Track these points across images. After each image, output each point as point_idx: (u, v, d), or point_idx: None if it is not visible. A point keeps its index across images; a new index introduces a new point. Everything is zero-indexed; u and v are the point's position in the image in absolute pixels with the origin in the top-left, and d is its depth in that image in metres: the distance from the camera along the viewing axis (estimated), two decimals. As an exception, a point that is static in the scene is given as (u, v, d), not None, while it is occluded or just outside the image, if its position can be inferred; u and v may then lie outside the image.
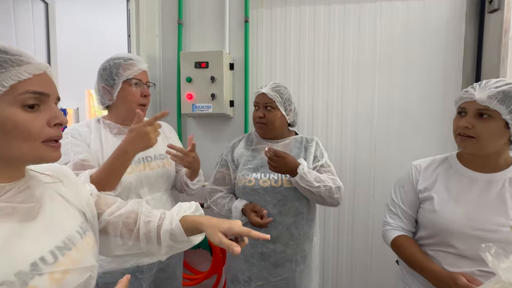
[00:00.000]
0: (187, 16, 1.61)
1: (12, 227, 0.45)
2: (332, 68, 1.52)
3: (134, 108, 1.02)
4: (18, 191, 0.48)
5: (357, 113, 1.52)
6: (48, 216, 0.51)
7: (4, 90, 0.44)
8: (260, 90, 1.16)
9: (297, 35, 1.54)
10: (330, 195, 1.07)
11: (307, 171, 1.04)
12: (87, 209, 0.61)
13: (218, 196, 1.19)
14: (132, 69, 1.01)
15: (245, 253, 1.14)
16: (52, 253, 0.48)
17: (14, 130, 0.45)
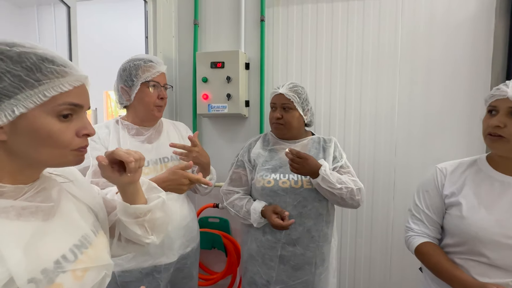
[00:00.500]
0: (203, 16, 1.61)
1: (36, 225, 0.46)
2: (350, 67, 1.48)
3: (151, 109, 1.04)
4: (36, 192, 0.49)
5: (377, 113, 1.47)
6: (65, 215, 0.52)
7: (45, 100, 0.45)
8: (277, 90, 1.14)
9: (314, 33, 1.51)
10: (351, 197, 1.05)
11: (329, 173, 1.02)
12: (99, 209, 0.62)
13: (235, 197, 1.18)
14: (151, 71, 1.02)
15: (264, 256, 1.13)
16: (72, 251, 0.50)
17: (48, 138, 0.46)
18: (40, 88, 0.43)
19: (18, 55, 0.43)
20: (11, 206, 0.45)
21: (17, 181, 0.48)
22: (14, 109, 0.42)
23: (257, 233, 1.15)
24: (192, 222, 1.17)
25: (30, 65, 0.43)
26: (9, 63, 0.42)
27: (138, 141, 1.04)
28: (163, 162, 1.06)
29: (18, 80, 0.42)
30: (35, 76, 0.43)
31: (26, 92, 0.43)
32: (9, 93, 0.42)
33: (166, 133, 1.13)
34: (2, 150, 0.45)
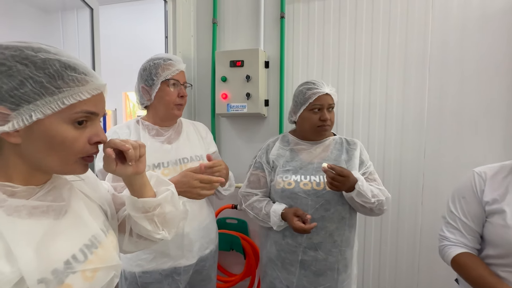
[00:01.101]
0: (222, 15, 1.59)
1: (47, 225, 0.46)
2: (375, 64, 1.41)
3: (171, 108, 1.03)
4: (47, 191, 0.50)
5: (404, 113, 1.39)
6: (76, 214, 0.52)
7: (63, 107, 0.45)
8: (321, 89, 1.08)
9: (336, 30, 1.45)
10: (380, 208, 1.02)
11: (366, 188, 0.98)
12: (108, 207, 0.62)
13: (254, 199, 1.15)
14: (170, 69, 1.02)
15: (284, 261, 1.09)
16: (82, 251, 0.49)
17: (60, 145, 0.46)
18: (59, 96, 0.44)
19: (43, 62, 0.43)
20: (22, 205, 0.45)
21: (29, 182, 0.48)
22: (32, 114, 0.43)
23: (276, 237, 1.12)
24: (211, 224, 1.15)
25: (53, 72, 0.43)
26: (32, 68, 0.42)
27: (158, 142, 1.04)
28: (182, 163, 1.04)
29: (39, 86, 0.42)
30: (57, 84, 0.43)
31: (46, 98, 0.43)
32: (29, 99, 0.42)
33: (185, 133, 1.12)
34: (14, 152, 0.45)
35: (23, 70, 0.42)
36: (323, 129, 1.09)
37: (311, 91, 1.08)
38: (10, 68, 0.41)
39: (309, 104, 1.08)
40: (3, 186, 0.45)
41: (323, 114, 1.08)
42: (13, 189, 0.45)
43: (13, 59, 0.42)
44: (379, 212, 1.04)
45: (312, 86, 1.09)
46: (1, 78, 0.41)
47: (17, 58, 0.42)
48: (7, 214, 0.43)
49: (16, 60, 0.42)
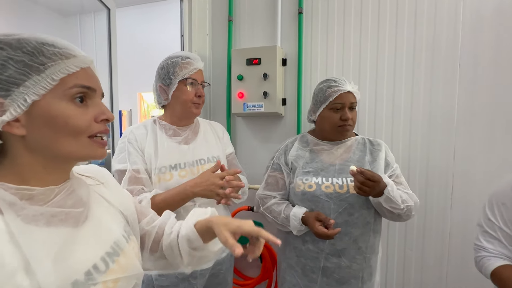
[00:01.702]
0: (237, 12, 1.56)
1: (66, 233, 0.44)
2: (400, 60, 1.33)
3: (189, 107, 1.01)
4: (67, 194, 0.47)
5: (431, 112, 1.30)
6: (96, 220, 0.50)
7: (54, 84, 0.42)
8: (343, 87, 1.02)
9: (358, 24, 1.38)
10: (408, 214, 0.96)
11: (396, 193, 0.92)
12: (128, 212, 0.59)
13: (272, 202, 1.10)
14: (188, 68, 0.99)
15: (304, 267, 1.04)
16: (103, 260, 0.47)
17: (65, 125, 0.44)
18: (47, 72, 0.42)
19: (17, 41, 0.41)
20: (40, 214, 0.42)
21: (47, 182, 0.45)
22: (26, 97, 0.40)
23: (296, 242, 1.07)
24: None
25: (31, 49, 0.41)
26: (9, 50, 0.40)
27: (175, 142, 1.01)
28: (199, 164, 1.02)
29: (22, 66, 0.40)
30: (39, 60, 0.41)
31: (34, 77, 0.41)
32: (17, 81, 0.40)
33: (202, 133, 1.09)
34: (23, 147, 0.43)
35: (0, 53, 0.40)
36: (344, 129, 1.04)
37: (331, 89, 1.03)
38: None
39: (329, 102, 1.03)
40: (19, 190, 0.42)
41: (344, 113, 1.02)
42: (31, 192, 0.43)
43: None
44: (406, 218, 0.98)
45: (333, 84, 1.04)
46: None
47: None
48: (25, 222, 0.40)
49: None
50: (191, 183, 0.91)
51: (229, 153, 1.16)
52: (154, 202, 0.88)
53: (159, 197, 0.91)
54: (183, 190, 0.90)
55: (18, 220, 0.40)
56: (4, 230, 0.38)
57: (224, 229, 0.54)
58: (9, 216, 0.39)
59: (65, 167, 0.49)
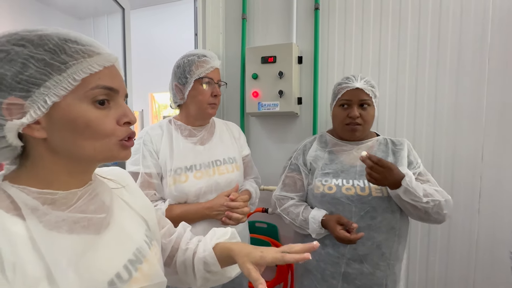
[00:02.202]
0: (251, 9, 1.53)
1: (88, 240, 0.42)
2: (423, 56, 1.27)
3: (205, 108, 0.98)
4: (89, 198, 0.45)
5: (457, 109, 1.23)
6: (118, 226, 0.48)
7: (76, 84, 0.40)
8: (351, 84, 0.98)
9: (377, 20, 1.32)
10: (438, 211, 0.88)
11: (415, 184, 0.86)
12: (149, 217, 0.57)
13: (290, 204, 1.06)
14: (204, 66, 0.96)
15: (324, 272, 1.00)
16: (126, 268, 0.45)
17: (86, 128, 0.41)
18: (68, 72, 0.39)
19: (39, 38, 0.39)
20: (63, 220, 0.40)
21: (69, 185, 0.43)
22: (46, 99, 0.38)
23: (314, 245, 1.03)
24: (245, 230, 1.09)
25: (52, 47, 0.39)
26: (31, 47, 0.38)
27: (190, 143, 0.99)
28: (215, 165, 0.99)
29: (43, 65, 0.38)
30: (60, 58, 0.39)
31: (55, 77, 0.38)
32: (37, 81, 0.38)
33: (218, 134, 1.06)
34: (45, 150, 0.41)
35: (21, 51, 0.37)
36: (352, 128, 0.99)
37: (340, 85, 1.01)
38: (8, 52, 0.37)
39: (337, 99, 1.01)
40: (42, 194, 0.40)
41: (351, 111, 0.98)
42: (53, 197, 0.41)
43: (9, 43, 0.38)
44: (437, 216, 0.90)
45: (343, 81, 1.02)
46: (2, 66, 0.37)
47: (12, 41, 0.38)
48: (48, 229, 0.39)
49: (12, 44, 0.38)
50: (207, 204, 0.93)
51: (245, 155, 1.13)
52: (170, 215, 0.87)
53: (176, 211, 0.90)
54: (200, 210, 0.92)
55: (40, 226, 0.38)
56: (26, 236, 0.36)
57: (247, 261, 0.51)
58: (32, 222, 0.37)
59: (88, 170, 0.47)
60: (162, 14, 3.92)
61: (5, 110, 0.37)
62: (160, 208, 0.86)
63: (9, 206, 0.38)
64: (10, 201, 0.38)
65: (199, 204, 0.93)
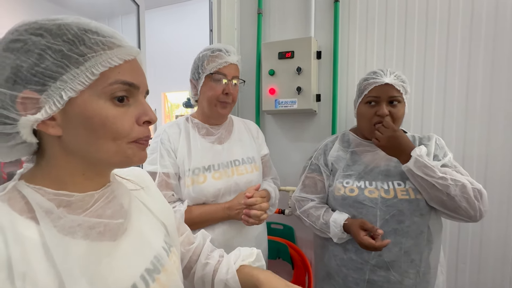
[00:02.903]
0: (267, 3, 1.48)
1: (103, 248, 0.39)
2: (453, 49, 1.18)
3: (214, 105, 0.93)
4: (106, 202, 0.42)
5: (492, 104, 1.14)
6: (136, 232, 0.45)
7: (94, 78, 0.37)
8: (380, 79, 0.91)
9: (402, 13, 1.24)
10: (464, 196, 0.80)
11: (428, 160, 0.82)
12: (169, 222, 0.53)
13: (310, 206, 1.01)
14: (216, 61, 0.90)
15: (346, 278, 0.94)
16: (143, 278, 0.42)
17: (102, 127, 0.38)
18: (86, 65, 0.36)
19: (58, 27, 0.36)
20: (78, 225, 0.37)
21: (85, 187, 0.40)
22: (62, 93, 0.35)
23: (336, 250, 0.97)
24: (263, 233, 1.05)
25: (71, 37, 0.35)
26: (48, 37, 0.35)
27: (208, 142, 0.95)
28: (234, 165, 0.95)
29: (60, 56, 0.35)
30: (79, 50, 0.36)
31: (72, 71, 0.35)
32: (53, 74, 0.35)
33: (237, 133, 1.02)
34: (59, 148, 0.38)
35: (38, 41, 0.34)
36: (377, 128, 0.92)
37: (367, 81, 0.93)
38: (25, 42, 0.34)
39: (364, 96, 0.94)
40: (58, 195, 0.38)
41: (380, 108, 0.90)
42: (69, 199, 0.38)
43: (27, 32, 0.35)
44: (467, 206, 0.80)
45: (370, 76, 0.94)
46: (19, 57, 0.34)
47: (31, 30, 0.35)
48: (62, 234, 0.36)
49: (30, 33, 0.35)
50: (226, 204, 0.90)
51: (264, 154, 1.09)
52: (189, 216, 0.84)
53: (196, 212, 0.87)
54: (220, 210, 0.89)
55: (54, 231, 0.35)
56: (39, 242, 0.34)
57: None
58: (45, 226, 0.35)
59: (103, 173, 0.44)
60: (175, 13, 3.94)
61: (19, 104, 0.34)
62: (179, 209, 0.83)
63: (23, 208, 0.35)
64: (25, 202, 0.36)
65: (218, 205, 0.90)
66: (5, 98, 0.34)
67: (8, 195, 0.36)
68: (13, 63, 0.34)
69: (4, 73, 0.34)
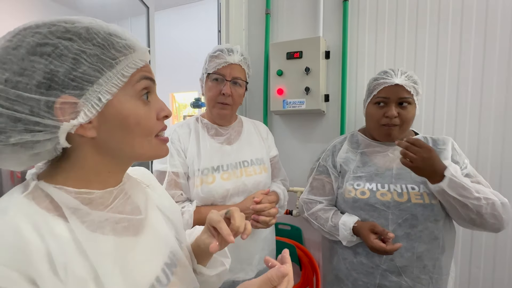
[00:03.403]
0: (275, 4, 1.47)
1: (128, 242, 0.40)
2: (466, 50, 1.15)
3: (212, 107, 0.92)
4: (125, 198, 0.44)
5: (507, 106, 1.11)
6: (154, 227, 0.46)
7: (125, 80, 0.38)
8: (390, 79, 0.89)
9: (413, 11, 1.22)
10: (494, 214, 0.78)
11: (462, 178, 0.77)
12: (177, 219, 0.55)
13: (318, 208, 1.00)
14: (215, 61, 0.90)
15: (356, 282, 0.93)
16: (164, 272, 0.44)
17: (137, 125, 0.40)
18: (117, 68, 0.37)
19: (87, 31, 0.35)
20: (105, 219, 0.38)
21: (106, 184, 0.41)
22: (100, 96, 0.36)
23: (345, 253, 0.96)
24: (271, 234, 1.04)
25: (101, 41, 0.36)
26: (79, 42, 0.35)
27: (217, 142, 0.95)
28: (242, 166, 0.94)
29: (96, 60, 0.35)
30: (111, 54, 0.37)
31: (106, 74, 0.36)
32: (91, 78, 0.35)
33: (246, 134, 1.02)
34: (90, 149, 0.38)
35: (70, 45, 0.34)
36: (389, 128, 0.90)
37: (377, 81, 0.91)
38: (55, 46, 0.34)
39: (373, 96, 0.92)
40: (79, 194, 0.38)
41: (388, 110, 0.88)
42: (90, 196, 0.39)
43: (54, 36, 0.34)
44: (494, 221, 0.78)
45: (380, 76, 0.92)
46: (52, 61, 0.33)
47: (57, 34, 0.34)
48: (91, 230, 0.37)
49: (57, 36, 0.34)
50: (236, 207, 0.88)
51: (273, 156, 1.08)
52: (199, 217, 0.84)
53: (205, 213, 0.86)
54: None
55: (83, 228, 0.36)
56: (70, 239, 0.35)
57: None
58: (74, 223, 0.35)
59: (125, 168, 0.45)
60: (183, 14, 3.96)
61: (58, 109, 0.34)
62: (188, 210, 0.83)
63: (49, 207, 0.36)
64: (49, 201, 0.36)
65: (227, 207, 0.89)
66: (39, 104, 0.33)
67: (32, 194, 0.36)
68: (46, 68, 0.33)
69: (35, 78, 0.33)
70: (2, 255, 0.30)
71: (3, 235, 0.31)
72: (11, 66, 0.32)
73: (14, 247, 0.30)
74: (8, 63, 0.32)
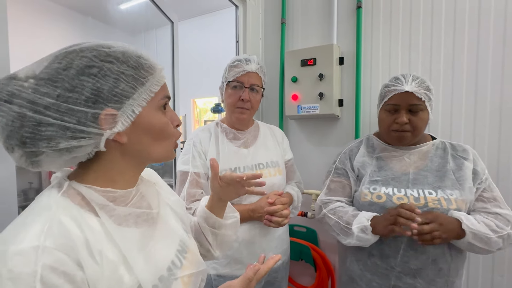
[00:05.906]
0: (290, 13, 1.53)
1: (147, 233, 0.48)
2: (484, 57, 1.14)
3: (232, 112, 1.01)
4: (141, 196, 0.51)
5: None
6: (164, 220, 0.53)
7: (152, 95, 0.46)
8: (400, 86, 0.90)
9: (428, 18, 1.23)
10: (509, 243, 0.82)
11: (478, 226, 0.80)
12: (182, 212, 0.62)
13: (337, 205, 1.00)
14: (234, 70, 0.98)
15: (370, 283, 0.94)
16: (177, 256, 0.51)
17: (161, 132, 0.48)
18: (147, 85, 0.45)
19: (123, 55, 0.43)
20: (129, 213, 0.46)
21: (128, 184, 0.49)
22: (133, 109, 0.44)
23: (359, 254, 0.97)
24: (284, 234, 1.08)
25: (134, 63, 0.44)
26: (118, 64, 0.42)
27: (235, 146, 1.02)
28: (258, 168, 1.01)
29: (131, 79, 0.43)
30: (141, 73, 0.44)
31: (139, 90, 0.44)
32: (128, 94, 0.43)
33: (262, 138, 1.08)
34: (119, 153, 0.46)
35: (112, 67, 0.41)
36: (399, 135, 0.92)
37: (388, 88, 0.93)
38: (100, 68, 0.41)
39: (384, 103, 0.94)
40: (105, 192, 0.45)
41: (398, 116, 0.90)
42: (114, 195, 0.46)
43: (98, 59, 0.41)
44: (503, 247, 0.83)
45: (391, 83, 0.93)
46: (98, 80, 0.40)
47: (101, 57, 0.41)
48: (117, 224, 0.44)
49: (101, 60, 0.41)
50: (251, 207, 0.95)
51: (288, 159, 1.13)
52: None
53: None
54: (245, 211, 0.94)
55: (110, 222, 0.43)
56: (101, 230, 0.41)
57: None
58: (104, 217, 0.42)
59: (142, 170, 0.53)
60: (203, 23, 4.14)
61: (102, 120, 0.41)
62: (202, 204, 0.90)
63: (81, 203, 0.42)
64: (81, 198, 0.42)
65: (244, 206, 0.96)
66: (86, 116, 0.39)
67: (67, 192, 0.42)
68: (94, 86, 0.40)
69: (84, 94, 0.39)
70: (55, 243, 0.35)
71: (51, 226, 0.37)
72: (62, 84, 0.38)
73: (62, 236, 0.37)
74: (59, 82, 0.38)
